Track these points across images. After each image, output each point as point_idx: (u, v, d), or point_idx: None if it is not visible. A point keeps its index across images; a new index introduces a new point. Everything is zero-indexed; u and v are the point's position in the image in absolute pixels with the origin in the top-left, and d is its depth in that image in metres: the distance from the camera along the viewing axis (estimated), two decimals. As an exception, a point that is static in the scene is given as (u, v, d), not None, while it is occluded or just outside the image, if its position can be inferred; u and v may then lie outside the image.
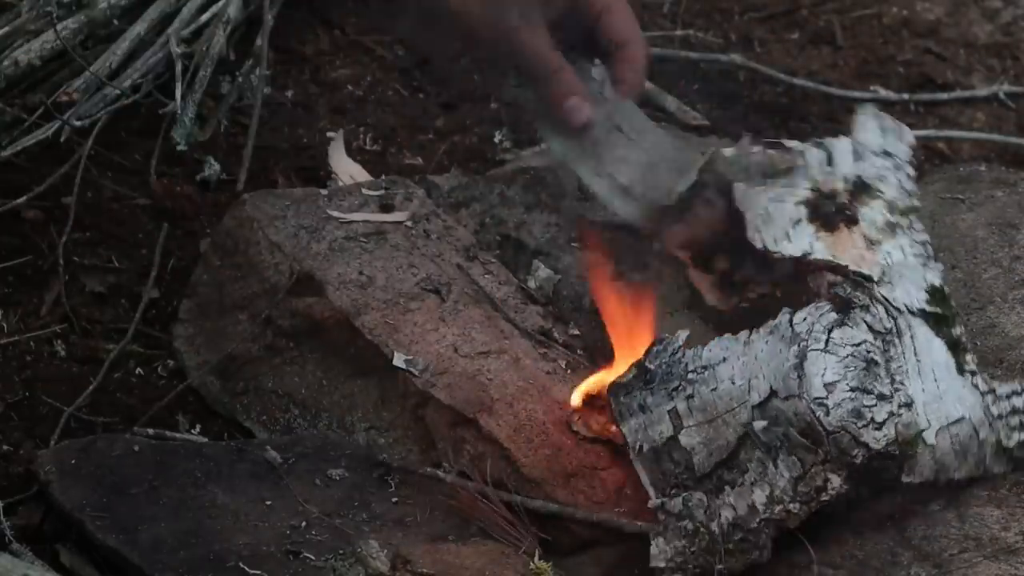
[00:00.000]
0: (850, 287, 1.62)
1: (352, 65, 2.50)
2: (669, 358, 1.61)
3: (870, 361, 1.57)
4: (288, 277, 1.88)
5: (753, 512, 1.56)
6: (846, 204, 1.67)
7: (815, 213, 1.66)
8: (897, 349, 1.59)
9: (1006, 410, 1.63)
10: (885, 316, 1.61)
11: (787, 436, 1.54)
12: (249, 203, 1.96)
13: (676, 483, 1.58)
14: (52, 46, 2.21)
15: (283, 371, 1.86)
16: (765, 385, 1.57)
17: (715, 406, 1.58)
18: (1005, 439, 1.62)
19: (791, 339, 1.57)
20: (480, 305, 1.86)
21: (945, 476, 1.60)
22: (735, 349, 1.60)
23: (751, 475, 1.56)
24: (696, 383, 1.59)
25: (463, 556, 1.62)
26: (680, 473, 1.58)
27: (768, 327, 1.59)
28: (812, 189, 1.68)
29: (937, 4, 2.82)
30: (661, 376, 1.61)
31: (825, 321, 1.58)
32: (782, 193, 1.66)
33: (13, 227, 2.08)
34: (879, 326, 1.59)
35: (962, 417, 1.60)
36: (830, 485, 1.54)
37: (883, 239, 1.67)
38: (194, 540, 1.60)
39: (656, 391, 1.60)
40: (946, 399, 1.59)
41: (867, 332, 1.58)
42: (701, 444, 1.58)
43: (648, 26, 2.71)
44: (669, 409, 1.60)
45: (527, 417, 1.74)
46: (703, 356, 1.60)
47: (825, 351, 1.56)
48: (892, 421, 1.55)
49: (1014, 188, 1.97)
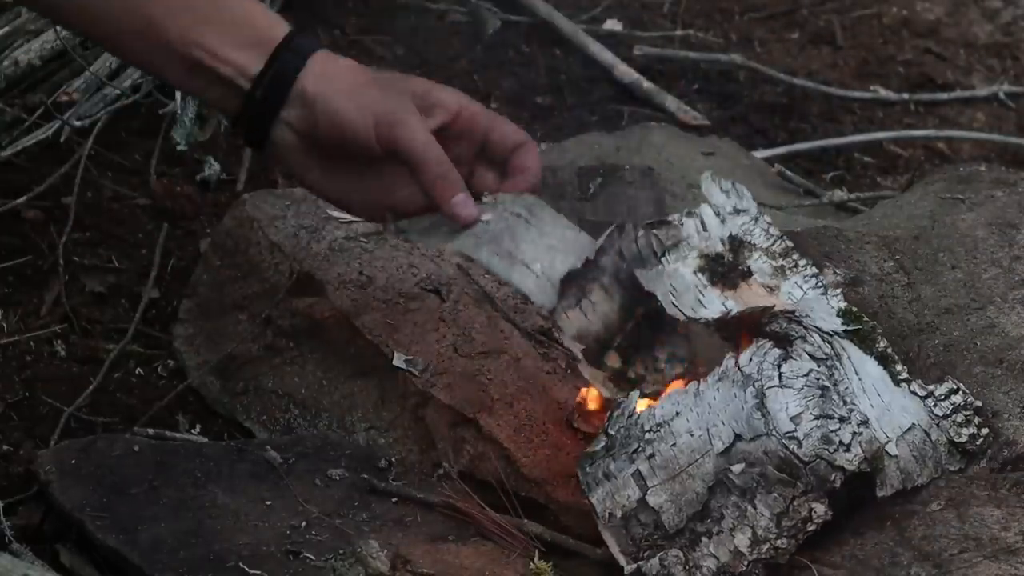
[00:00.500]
0: (784, 322, 1.66)
1: (352, 65, 2.50)
2: (626, 421, 1.63)
3: (823, 387, 1.60)
4: (288, 277, 1.88)
5: (739, 556, 1.57)
6: (734, 261, 1.73)
7: (713, 276, 1.72)
8: (840, 372, 1.63)
9: (948, 409, 1.67)
10: (822, 342, 1.65)
11: (763, 475, 1.56)
12: (249, 203, 1.96)
13: (648, 544, 1.59)
14: (52, 46, 2.22)
15: (283, 371, 1.86)
16: (727, 431, 1.58)
17: (677, 461, 1.59)
18: (955, 436, 1.66)
19: (743, 382, 1.60)
20: (480, 305, 1.86)
21: (911, 483, 1.63)
22: (686, 402, 1.62)
23: (728, 521, 1.57)
24: (654, 442, 1.61)
25: (463, 556, 1.62)
26: (650, 534, 1.59)
27: (715, 374, 1.62)
28: (700, 256, 1.73)
29: (937, 4, 2.82)
30: (620, 440, 1.62)
31: (771, 357, 1.61)
32: (677, 267, 1.72)
33: (13, 227, 2.08)
34: (819, 353, 1.63)
35: (912, 424, 1.64)
36: (815, 514, 1.57)
37: (778, 283, 1.72)
38: (194, 540, 1.60)
39: (618, 456, 1.62)
40: (893, 410, 1.63)
41: (811, 361, 1.62)
42: (669, 501, 1.59)
43: (648, 26, 2.72)
44: (632, 472, 1.60)
45: (527, 417, 1.74)
46: (656, 414, 1.62)
47: (781, 386, 1.59)
48: (856, 440, 1.58)
49: (1014, 188, 1.97)
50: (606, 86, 2.56)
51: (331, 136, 1.62)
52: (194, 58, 1.59)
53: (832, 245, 1.89)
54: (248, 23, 1.62)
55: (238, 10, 1.62)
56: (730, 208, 1.77)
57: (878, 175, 2.46)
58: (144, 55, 1.63)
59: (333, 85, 1.62)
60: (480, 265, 1.71)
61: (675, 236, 1.74)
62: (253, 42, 1.61)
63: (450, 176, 1.64)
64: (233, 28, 1.61)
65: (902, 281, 1.85)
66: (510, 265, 1.68)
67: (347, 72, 1.64)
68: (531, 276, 1.69)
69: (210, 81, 1.61)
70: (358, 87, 1.63)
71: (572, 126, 2.42)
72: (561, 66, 2.59)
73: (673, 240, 1.73)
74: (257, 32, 1.61)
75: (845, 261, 1.87)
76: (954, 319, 1.79)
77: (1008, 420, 1.67)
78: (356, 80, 1.63)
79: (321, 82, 1.61)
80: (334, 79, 1.62)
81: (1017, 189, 1.96)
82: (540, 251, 1.70)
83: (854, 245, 1.88)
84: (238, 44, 1.60)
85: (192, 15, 1.59)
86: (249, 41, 1.60)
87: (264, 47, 1.61)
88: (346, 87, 1.62)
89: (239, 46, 1.60)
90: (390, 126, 1.62)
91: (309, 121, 1.62)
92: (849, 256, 1.87)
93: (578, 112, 2.49)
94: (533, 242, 1.70)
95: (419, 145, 1.63)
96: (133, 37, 1.60)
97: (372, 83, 1.64)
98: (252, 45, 1.60)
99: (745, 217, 1.76)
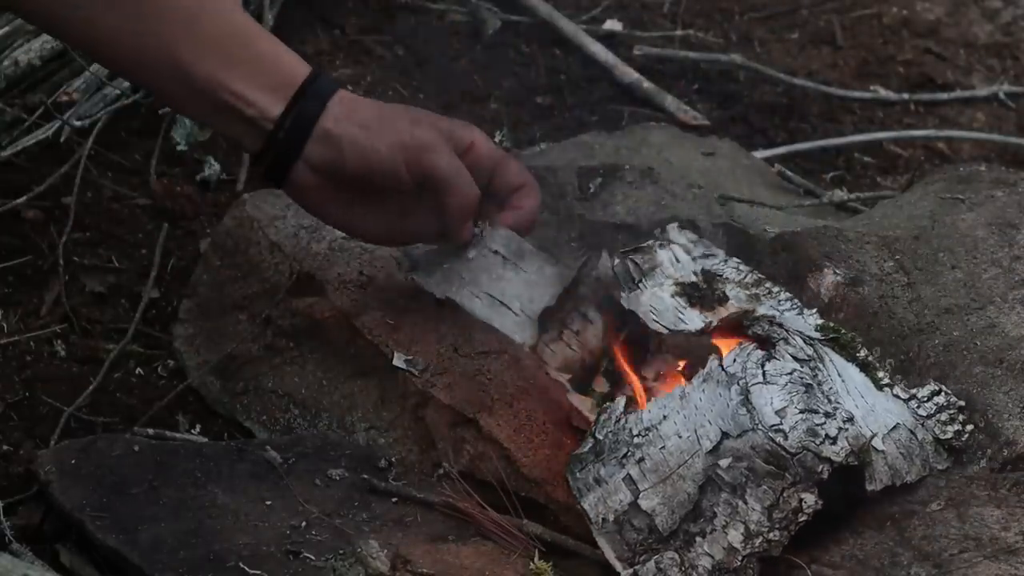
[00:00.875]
0: (766, 324, 1.69)
1: (352, 65, 2.50)
2: (614, 426, 1.64)
3: (807, 385, 1.62)
4: (288, 277, 1.88)
5: (733, 552, 1.58)
6: (708, 289, 1.76)
7: (691, 299, 1.75)
8: (824, 373, 1.65)
9: (932, 409, 1.69)
10: (804, 345, 1.67)
11: (752, 469, 1.57)
12: (249, 203, 1.96)
13: (643, 549, 1.61)
14: (52, 46, 2.21)
15: (283, 371, 1.86)
16: (714, 430, 1.60)
17: (667, 464, 1.61)
18: (941, 434, 1.67)
19: (727, 381, 1.62)
20: (480, 305, 1.86)
21: (900, 479, 1.64)
22: (673, 405, 1.63)
23: (720, 519, 1.58)
24: (644, 446, 1.62)
25: (463, 556, 1.62)
26: (645, 539, 1.61)
27: (700, 377, 1.65)
28: (675, 283, 1.76)
29: (937, 4, 2.82)
30: (609, 446, 1.64)
31: (755, 358, 1.63)
32: (655, 291, 1.75)
33: (13, 227, 2.08)
34: (802, 355, 1.65)
35: (897, 424, 1.66)
36: (805, 504, 1.58)
37: (754, 306, 1.75)
38: (194, 540, 1.60)
39: (607, 461, 1.63)
40: (877, 411, 1.65)
41: (794, 362, 1.64)
42: (661, 504, 1.60)
43: (648, 26, 2.72)
44: (623, 476, 1.62)
45: (527, 417, 1.74)
46: (644, 419, 1.64)
47: (766, 383, 1.61)
48: (843, 435, 1.60)
49: (1014, 188, 1.97)
50: (606, 86, 2.56)
51: (358, 171, 1.66)
52: (220, 99, 1.62)
53: (832, 245, 1.89)
54: (273, 65, 1.65)
55: (265, 50, 1.66)
56: (699, 252, 1.81)
57: (878, 175, 2.46)
58: (168, 91, 1.66)
59: (357, 123, 1.66)
60: (463, 307, 1.77)
61: (651, 262, 1.77)
62: (277, 84, 1.64)
63: (472, 204, 1.71)
64: (259, 70, 1.64)
65: (902, 281, 1.85)
66: (490, 306, 1.76)
67: (368, 109, 1.68)
68: (510, 316, 1.76)
69: (233, 120, 1.65)
70: (382, 122, 1.67)
71: (572, 126, 2.42)
72: (561, 66, 2.58)
73: (649, 265, 1.77)
74: (281, 74, 1.65)
75: (845, 261, 1.87)
76: (954, 319, 1.79)
77: (1008, 420, 1.67)
78: (379, 115, 1.68)
79: (343, 122, 1.65)
80: (356, 117, 1.66)
81: (1017, 189, 1.96)
82: (519, 288, 1.77)
83: (854, 245, 1.88)
84: (263, 86, 1.64)
85: (220, 57, 1.62)
86: (273, 83, 1.64)
87: (286, 90, 1.64)
88: (370, 123, 1.66)
89: (264, 88, 1.64)
90: (420, 153, 1.67)
91: (334, 159, 1.66)
92: (849, 256, 1.87)
93: (578, 112, 2.49)
94: (511, 280, 1.77)
95: (451, 171, 1.68)
96: (158, 75, 1.63)
97: (394, 116, 1.68)
98: (276, 87, 1.64)
99: (712, 259, 1.81)
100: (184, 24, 1.61)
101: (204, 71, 1.61)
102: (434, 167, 1.67)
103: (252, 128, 1.65)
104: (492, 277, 1.78)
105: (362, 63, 2.51)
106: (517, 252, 1.79)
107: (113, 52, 1.63)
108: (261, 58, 1.65)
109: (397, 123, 1.68)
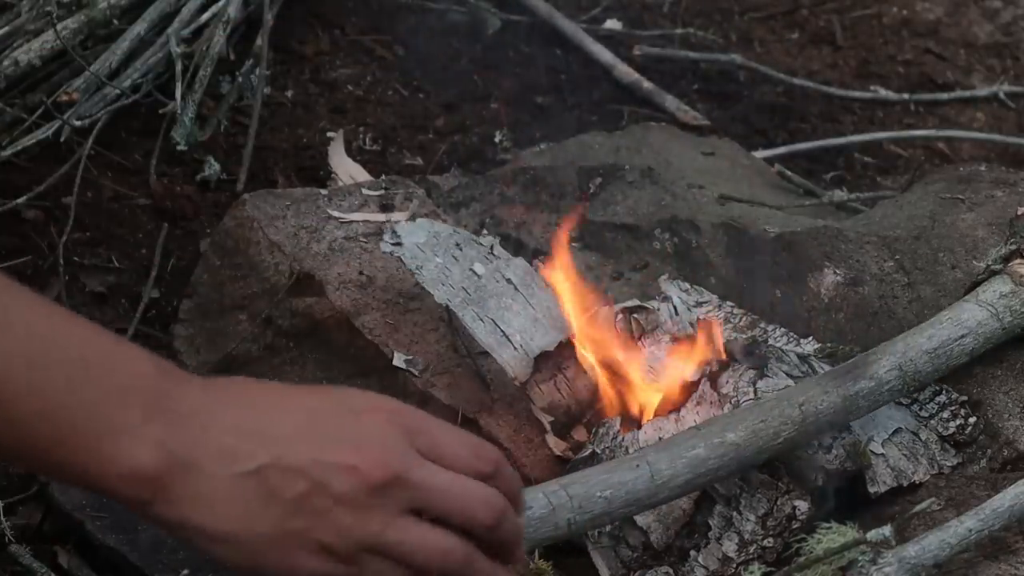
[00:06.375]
0: (761, 346, 1.71)
1: (352, 65, 2.50)
2: (611, 442, 1.65)
3: None
4: (288, 277, 1.87)
5: (727, 561, 1.59)
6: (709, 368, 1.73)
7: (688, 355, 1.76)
8: None
9: (934, 409, 1.70)
10: (798, 362, 1.68)
11: (745, 479, 1.59)
12: (249, 203, 1.95)
13: (637, 565, 1.61)
14: (52, 46, 2.21)
15: (283, 371, 1.86)
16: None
17: None
18: (943, 430, 1.68)
19: (720, 402, 1.64)
20: (480, 305, 1.86)
21: (906, 480, 1.65)
22: (668, 427, 1.65)
23: (715, 531, 1.60)
24: None
25: (463, 556, 1.62)
26: (639, 556, 1.61)
27: (693, 399, 1.66)
28: (672, 340, 1.78)
29: (937, 4, 2.82)
30: (607, 460, 1.63)
31: (747, 377, 1.65)
32: (652, 350, 1.78)
33: (13, 227, 2.08)
34: (796, 372, 1.67)
35: (899, 428, 1.67)
36: (798, 511, 1.59)
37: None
38: (194, 540, 1.60)
39: None
40: (878, 417, 1.66)
41: (787, 379, 1.66)
42: (656, 521, 1.61)
43: (648, 26, 2.72)
44: None
45: (527, 417, 1.75)
46: (640, 438, 1.65)
47: (757, 400, 1.61)
48: (838, 443, 1.62)
49: (1014, 188, 1.97)
50: (606, 86, 2.56)
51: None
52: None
53: (832, 245, 1.89)
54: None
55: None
56: (692, 302, 1.83)
57: (878, 175, 2.47)
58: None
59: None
60: (464, 325, 1.77)
61: (653, 321, 1.79)
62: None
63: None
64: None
65: (902, 281, 1.85)
66: (491, 332, 1.76)
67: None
68: (509, 347, 1.76)
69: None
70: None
71: (572, 126, 2.42)
72: (561, 66, 2.59)
73: (652, 325, 1.79)
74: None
75: (845, 261, 1.87)
76: (954, 319, 1.79)
77: (1008, 420, 1.68)
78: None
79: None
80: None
81: (1017, 189, 1.96)
82: (524, 322, 1.77)
83: (854, 245, 1.88)
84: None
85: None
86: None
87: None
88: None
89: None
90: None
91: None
92: (849, 256, 1.87)
93: (578, 112, 2.49)
94: (518, 313, 1.77)
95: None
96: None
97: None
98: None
99: (706, 306, 1.82)
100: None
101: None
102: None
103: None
104: (500, 305, 1.77)
105: (362, 63, 2.51)
106: (528, 286, 1.79)
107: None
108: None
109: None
